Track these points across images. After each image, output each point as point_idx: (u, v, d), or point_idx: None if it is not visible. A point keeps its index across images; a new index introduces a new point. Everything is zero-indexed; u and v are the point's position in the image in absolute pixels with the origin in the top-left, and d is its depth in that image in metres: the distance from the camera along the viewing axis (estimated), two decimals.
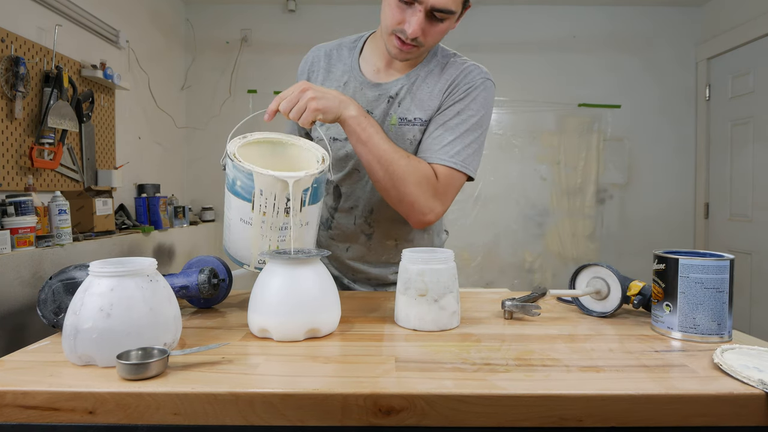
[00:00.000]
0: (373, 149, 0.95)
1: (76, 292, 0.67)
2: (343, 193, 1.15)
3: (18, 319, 1.43)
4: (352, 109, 0.93)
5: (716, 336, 0.76)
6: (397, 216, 1.10)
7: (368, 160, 0.96)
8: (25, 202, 1.55)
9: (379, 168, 0.96)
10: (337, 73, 1.13)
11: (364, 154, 0.96)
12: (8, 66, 1.80)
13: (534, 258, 3.51)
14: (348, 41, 1.16)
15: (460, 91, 1.04)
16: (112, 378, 0.61)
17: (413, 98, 1.06)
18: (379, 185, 1.00)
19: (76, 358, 0.65)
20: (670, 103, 3.46)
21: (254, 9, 3.45)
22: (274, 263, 0.79)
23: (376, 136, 0.95)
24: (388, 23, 0.98)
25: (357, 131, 0.94)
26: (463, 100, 1.04)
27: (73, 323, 0.65)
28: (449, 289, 0.83)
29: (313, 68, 1.17)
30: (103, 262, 0.68)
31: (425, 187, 0.99)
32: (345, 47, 1.16)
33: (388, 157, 0.95)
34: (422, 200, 0.99)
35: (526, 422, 0.57)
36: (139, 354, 0.64)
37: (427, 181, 0.99)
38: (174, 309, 0.71)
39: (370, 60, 1.11)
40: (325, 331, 0.79)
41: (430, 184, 0.99)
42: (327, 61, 1.15)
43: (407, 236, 1.18)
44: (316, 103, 0.88)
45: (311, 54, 1.19)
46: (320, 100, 0.89)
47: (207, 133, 3.47)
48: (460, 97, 1.04)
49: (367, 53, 1.12)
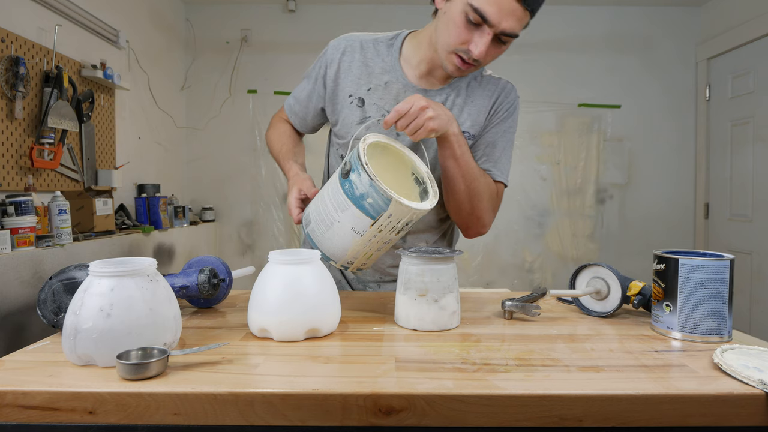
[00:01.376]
0: (462, 165, 0.99)
1: (76, 292, 0.67)
2: None
3: (18, 319, 1.43)
4: (455, 127, 0.96)
5: (716, 336, 0.76)
6: (431, 225, 1.16)
7: (454, 175, 1.00)
8: (25, 202, 1.55)
9: (462, 182, 1.01)
10: (376, 70, 1.09)
11: (452, 168, 0.99)
12: (8, 66, 1.80)
13: (534, 258, 3.51)
14: (384, 37, 1.12)
15: (503, 109, 1.10)
16: (112, 378, 0.61)
17: (461, 112, 1.08)
18: (455, 197, 1.03)
19: (76, 358, 0.65)
20: (670, 103, 3.46)
21: (254, 9, 3.45)
22: (274, 263, 0.79)
23: (467, 153, 0.99)
24: (451, 41, 0.95)
25: (454, 147, 0.97)
26: (506, 120, 1.11)
27: (73, 323, 0.65)
28: (449, 289, 0.83)
29: (345, 57, 1.10)
30: (103, 262, 0.68)
31: (493, 204, 1.08)
32: (382, 43, 1.11)
33: (472, 173, 1.01)
34: (488, 215, 1.08)
35: (526, 422, 0.57)
36: (139, 354, 0.64)
37: (495, 198, 1.08)
38: (174, 309, 0.71)
39: (412, 63, 1.08)
40: (325, 331, 0.79)
41: (495, 201, 1.09)
42: (362, 53, 1.10)
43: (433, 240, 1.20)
44: (432, 123, 0.90)
45: (344, 41, 1.11)
46: (436, 120, 0.90)
47: (207, 133, 3.47)
48: (504, 117, 1.10)
49: (408, 55, 1.09)
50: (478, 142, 1.10)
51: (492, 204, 1.08)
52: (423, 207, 0.83)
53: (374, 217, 0.81)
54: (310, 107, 1.17)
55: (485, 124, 1.10)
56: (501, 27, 0.90)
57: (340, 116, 1.11)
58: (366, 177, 0.79)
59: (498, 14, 0.89)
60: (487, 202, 1.05)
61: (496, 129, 1.10)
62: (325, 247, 0.90)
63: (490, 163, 1.09)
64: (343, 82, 1.09)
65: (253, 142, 3.49)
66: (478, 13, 0.89)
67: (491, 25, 0.90)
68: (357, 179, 0.81)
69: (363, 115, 1.09)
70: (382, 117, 1.06)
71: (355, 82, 1.09)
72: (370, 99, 1.08)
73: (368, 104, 1.08)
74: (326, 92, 1.12)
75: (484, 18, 0.89)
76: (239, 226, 3.49)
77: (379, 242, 0.87)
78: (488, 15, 0.89)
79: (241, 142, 3.49)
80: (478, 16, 0.90)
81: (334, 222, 0.86)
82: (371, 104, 1.08)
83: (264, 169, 3.50)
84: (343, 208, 0.83)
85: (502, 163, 1.10)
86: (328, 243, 0.89)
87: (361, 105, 1.09)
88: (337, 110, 1.12)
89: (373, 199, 0.80)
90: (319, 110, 1.16)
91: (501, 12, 0.89)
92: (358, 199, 0.81)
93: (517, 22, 0.91)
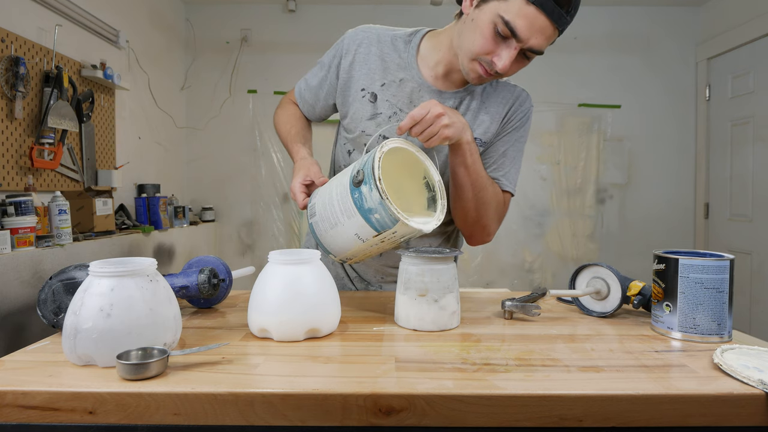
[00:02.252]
0: (472, 173, 0.98)
1: (76, 292, 0.67)
2: None
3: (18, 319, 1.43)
4: (469, 134, 0.95)
5: (716, 336, 0.76)
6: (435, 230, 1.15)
7: (463, 183, 0.99)
8: (25, 202, 1.55)
9: (471, 190, 1.00)
10: (392, 66, 1.06)
11: (461, 176, 0.98)
12: (8, 66, 1.80)
13: (534, 258, 3.51)
14: (403, 33, 1.09)
15: (516, 119, 1.08)
16: (112, 378, 0.61)
17: (474, 118, 1.07)
18: (462, 204, 1.02)
19: (76, 358, 0.65)
20: (670, 103, 3.46)
21: (254, 9, 3.45)
22: (274, 263, 0.79)
23: (477, 162, 0.98)
24: (476, 50, 0.93)
25: (466, 155, 0.96)
26: (519, 129, 1.09)
27: (72, 323, 0.65)
28: (449, 289, 0.83)
29: (361, 49, 1.07)
30: (103, 262, 0.68)
31: (499, 213, 1.07)
32: (400, 39, 1.08)
33: (481, 182, 1.00)
34: (494, 224, 1.07)
35: (526, 422, 0.57)
36: (139, 354, 0.64)
37: (501, 208, 1.07)
38: (174, 309, 0.71)
39: (429, 63, 1.06)
40: (325, 331, 0.79)
41: (501, 211, 1.08)
42: (379, 47, 1.07)
43: None
44: (448, 131, 0.89)
45: (361, 33, 1.08)
46: (451, 128, 0.89)
47: (207, 133, 3.47)
48: (517, 126, 1.09)
49: (425, 54, 1.06)
50: (489, 150, 1.09)
51: (498, 214, 1.07)
52: (428, 228, 0.83)
53: (379, 231, 0.81)
54: (321, 95, 1.15)
55: (497, 131, 1.08)
56: (529, 43, 0.89)
57: (351, 109, 1.09)
58: (377, 194, 0.78)
59: (528, 30, 0.87)
60: (493, 212, 1.05)
61: (508, 138, 1.08)
62: (327, 242, 0.91)
63: (499, 172, 1.08)
64: (357, 75, 1.07)
65: (253, 142, 3.49)
66: (508, 27, 0.87)
67: (520, 40, 0.88)
68: (368, 193, 0.80)
69: (374, 110, 1.07)
70: (394, 115, 1.06)
71: (369, 76, 1.07)
72: (383, 95, 1.06)
73: (380, 100, 1.06)
74: (338, 83, 1.10)
75: (514, 32, 0.88)
76: (239, 226, 3.49)
77: (379, 248, 0.88)
78: (518, 30, 0.87)
79: (241, 142, 3.49)
80: (507, 29, 0.88)
81: (338, 223, 0.86)
82: (384, 100, 1.06)
83: (264, 169, 3.50)
84: (350, 214, 0.83)
85: (511, 173, 1.09)
86: (330, 240, 0.90)
87: (374, 100, 1.07)
88: (348, 102, 1.09)
89: (380, 215, 0.80)
90: (330, 100, 1.15)
91: (532, 28, 0.87)
92: (366, 212, 0.81)
93: (545, 40, 0.90)
